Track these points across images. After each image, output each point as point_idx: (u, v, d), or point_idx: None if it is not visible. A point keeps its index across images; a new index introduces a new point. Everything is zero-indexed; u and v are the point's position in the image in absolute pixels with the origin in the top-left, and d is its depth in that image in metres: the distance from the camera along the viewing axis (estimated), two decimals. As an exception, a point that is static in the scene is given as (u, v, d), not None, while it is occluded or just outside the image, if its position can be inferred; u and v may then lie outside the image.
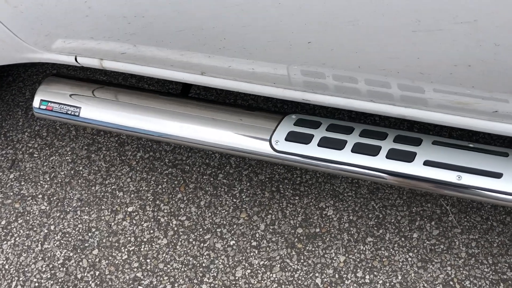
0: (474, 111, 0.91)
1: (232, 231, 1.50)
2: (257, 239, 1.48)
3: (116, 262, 1.48)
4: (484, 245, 1.43)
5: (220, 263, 1.45)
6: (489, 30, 0.73)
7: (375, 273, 1.40)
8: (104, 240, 1.52)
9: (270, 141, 1.08)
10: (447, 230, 1.46)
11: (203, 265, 1.45)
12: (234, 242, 1.48)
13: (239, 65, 0.98)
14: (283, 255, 1.45)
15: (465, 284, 1.37)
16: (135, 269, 1.46)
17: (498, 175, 0.97)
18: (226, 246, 1.48)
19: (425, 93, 0.91)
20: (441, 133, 1.61)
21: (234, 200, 1.56)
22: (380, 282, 1.39)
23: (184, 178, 1.61)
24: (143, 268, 1.46)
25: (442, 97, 0.90)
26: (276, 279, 1.41)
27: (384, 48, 0.82)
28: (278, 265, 1.43)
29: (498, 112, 0.89)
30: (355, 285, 1.39)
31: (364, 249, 1.44)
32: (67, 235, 1.54)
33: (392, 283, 1.38)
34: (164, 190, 1.60)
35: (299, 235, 1.48)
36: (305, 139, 1.05)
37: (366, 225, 1.48)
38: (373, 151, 1.02)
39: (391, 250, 1.44)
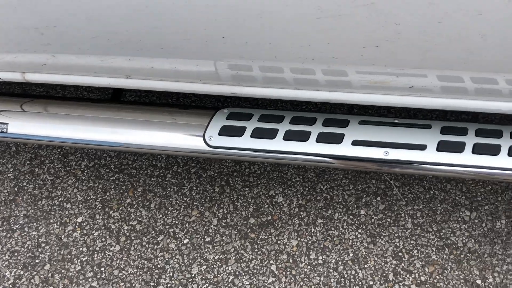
0: (393, 88, 0.95)
1: (185, 230, 1.50)
2: (211, 234, 1.49)
3: (70, 274, 1.46)
4: (428, 214, 1.49)
5: (175, 262, 1.45)
6: (387, 11, 0.76)
7: (327, 253, 1.44)
8: (55, 254, 1.49)
9: (204, 137, 1.09)
10: (392, 204, 1.51)
11: (158, 266, 1.45)
12: (187, 240, 1.48)
13: (161, 65, 0.98)
14: (237, 247, 1.47)
15: (413, 253, 1.43)
16: (90, 279, 1.45)
17: (422, 147, 1.01)
18: (180, 245, 1.48)
19: (343, 76, 0.93)
20: (379, 111, 1.66)
21: (185, 198, 1.56)
22: (333, 261, 1.43)
23: (132, 183, 1.60)
24: (98, 277, 1.45)
25: (360, 78, 0.93)
26: (232, 271, 1.43)
27: (295, 36, 0.84)
28: (233, 257, 1.45)
29: (414, 87, 0.93)
30: (309, 267, 1.42)
31: (315, 231, 1.48)
32: (15, 254, 1.50)
33: (344, 261, 1.43)
34: (112, 196, 1.58)
35: (251, 225, 1.50)
36: (238, 132, 1.07)
37: (315, 207, 1.52)
38: (304, 136, 1.05)
39: (341, 229, 1.48)
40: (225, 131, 1.07)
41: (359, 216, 1.50)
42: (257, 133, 1.06)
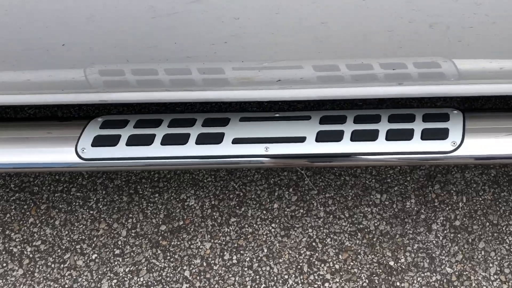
0: (262, 83, 0.92)
1: (93, 245, 1.44)
2: (120, 246, 1.43)
3: (-30, 306, 1.37)
4: (339, 201, 1.49)
5: (84, 280, 1.39)
6: (221, 5, 0.72)
7: (241, 252, 1.42)
8: (-48, 287, 1.39)
9: (76, 150, 1.03)
10: (304, 194, 1.50)
11: (66, 286, 1.38)
12: (96, 255, 1.42)
13: (11, 78, 0.91)
14: (148, 256, 1.42)
15: (326, 242, 1.43)
16: (-8, 309, 1.36)
17: (302, 139, 0.99)
18: (88, 261, 1.42)
19: (210, 74, 0.90)
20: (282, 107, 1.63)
21: (91, 212, 1.49)
22: (247, 259, 1.40)
23: (34, 200, 1.52)
24: (1, 305, 1.36)
25: (225, 75, 0.90)
26: (144, 282, 1.38)
27: (137, 38, 0.79)
28: (145, 268, 1.40)
29: (281, 81, 0.91)
30: (223, 268, 1.40)
31: (228, 230, 1.45)
32: None
33: (259, 258, 1.41)
34: (13, 218, 1.49)
35: (163, 232, 1.45)
36: (112, 141, 1.01)
37: (228, 206, 1.49)
38: (182, 139, 1.01)
39: (254, 225, 1.46)
40: (98, 142, 1.02)
41: (273, 210, 1.48)
42: (133, 141, 1.01)
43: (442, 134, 0.96)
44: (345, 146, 0.97)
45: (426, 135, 0.96)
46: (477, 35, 0.74)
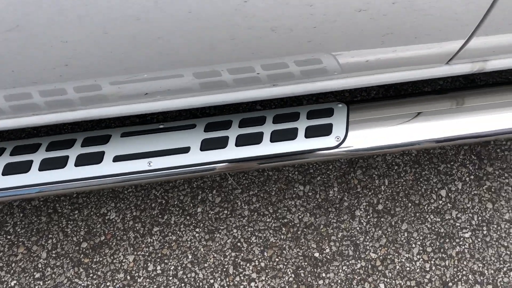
0: (132, 96, 0.88)
1: (12, 271, 1.39)
2: (40, 269, 1.39)
3: None
4: (263, 197, 1.47)
5: (4, 308, 1.35)
6: (37, 34, 0.67)
7: (165, 261, 1.39)
8: None
9: None
10: (228, 194, 1.48)
11: (-15, 317, 1.34)
12: (15, 282, 1.38)
13: None
14: (70, 276, 1.38)
15: (251, 241, 1.41)
16: None
17: (186, 150, 0.96)
18: (7, 288, 1.37)
19: (78, 93, 0.85)
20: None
21: (9, 236, 1.44)
22: (172, 268, 1.38)
23: None
24: None
25: (91, 94, 0.85)
26: (67, 303, 1.35)
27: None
28: (67, 288, 1.37)
29: (149, 94, 0.87)
30: (148, 280, 1.37)
31: (151, 240, 1.42)
32: None
33: (184, 265, 1.39)
34: None
35: (84, 249, 1.42)
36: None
37: (150, 216, 1.46)
38: (61, 162, 0.96)
39: (178, 232, 1.43)
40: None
41: (196, 214, 1.46)
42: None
43: (325, 130, 0.93)
44: (230, 152, 0.95)
45: (310, 132, 0.94)
46: (324, 34, 0.71)
